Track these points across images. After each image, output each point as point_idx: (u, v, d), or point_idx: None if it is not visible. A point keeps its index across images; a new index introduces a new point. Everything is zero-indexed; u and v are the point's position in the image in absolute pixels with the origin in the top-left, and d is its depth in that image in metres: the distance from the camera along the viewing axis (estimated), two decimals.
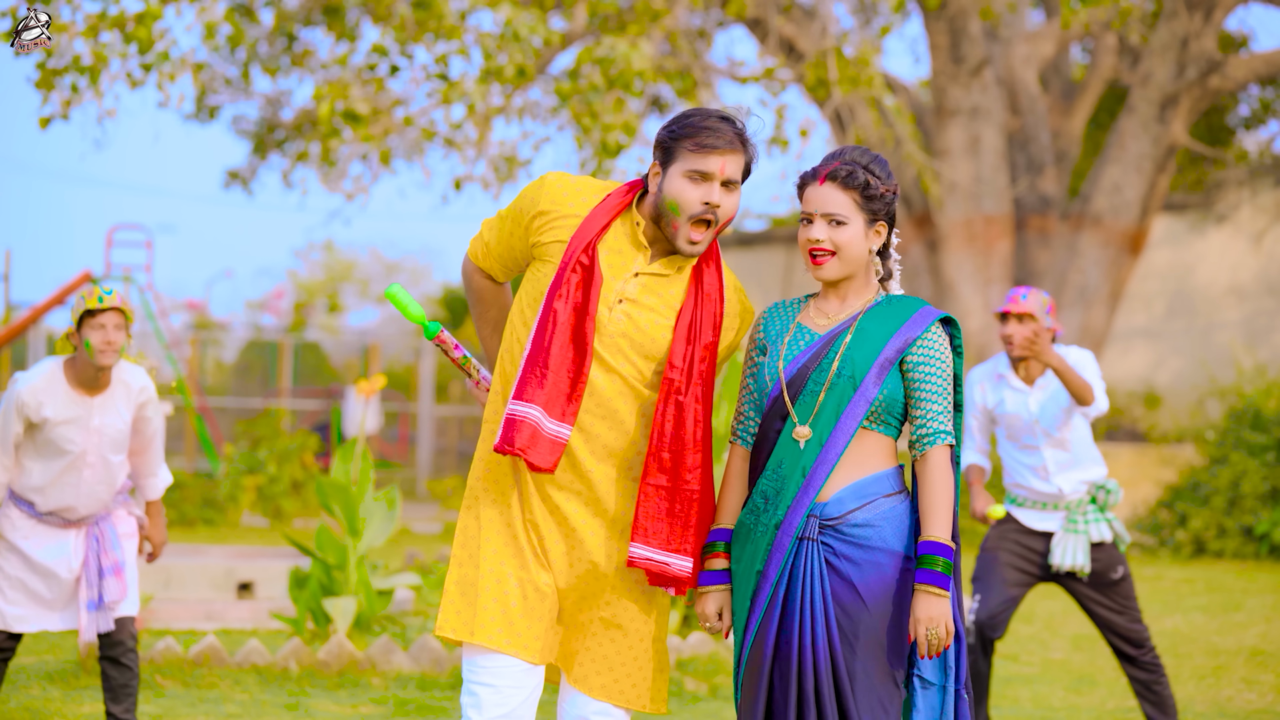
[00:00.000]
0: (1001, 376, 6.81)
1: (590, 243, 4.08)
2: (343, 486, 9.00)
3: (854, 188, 4.07)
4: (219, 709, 7.50)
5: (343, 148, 15.60)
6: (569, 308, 4.06)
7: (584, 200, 4.16)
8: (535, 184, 4.21)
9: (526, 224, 4.18)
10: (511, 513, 4.16)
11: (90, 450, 6.19)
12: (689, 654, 8.56)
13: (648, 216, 4.15)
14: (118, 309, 6.04)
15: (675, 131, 4.09)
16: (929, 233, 19.02)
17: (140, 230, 21.25)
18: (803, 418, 4.07)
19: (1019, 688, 8.61)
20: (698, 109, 4.14)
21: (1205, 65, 18.26)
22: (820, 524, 4.05)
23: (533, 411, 4.04)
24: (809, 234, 4.09)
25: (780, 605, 4.06)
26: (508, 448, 4.03)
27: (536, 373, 4.05)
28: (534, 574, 4.13)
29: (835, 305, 4.16)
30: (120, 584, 6.27)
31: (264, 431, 18.57)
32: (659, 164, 4.12)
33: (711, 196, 4.06)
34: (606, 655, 4.21)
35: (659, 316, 4.14)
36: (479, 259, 4.33)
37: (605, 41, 14.12)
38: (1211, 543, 15.07)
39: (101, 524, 6.32)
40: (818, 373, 4.08)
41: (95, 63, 13.46)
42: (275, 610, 9.62)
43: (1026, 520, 6.79)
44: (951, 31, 18.37)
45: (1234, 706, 8.18)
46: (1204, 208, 21.20)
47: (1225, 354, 19.83)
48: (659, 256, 4.17)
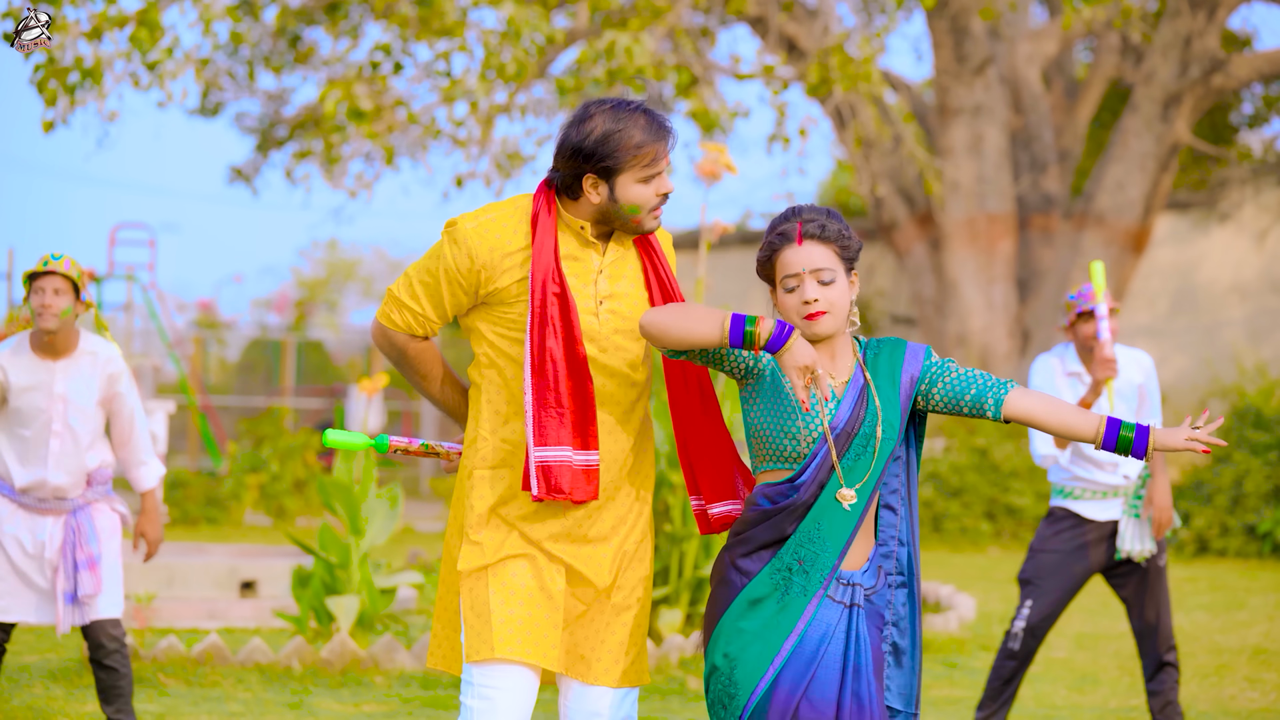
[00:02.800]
0: (1074, 374, 6.80)
1: (554, 270, 4.10)
2: (345, 485, 9.00)
3: (831, 240, 4.04)
4: (222, 708, 7.50)
5: (346, 145, 15.61)
6: (560, 342, 4.08)
7: (509, 228, 4.15)
8: (450, 241, 4.14)
9: (471, 281, 4.13)
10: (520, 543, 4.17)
11: (56, 418, 6.21)
12: (692, 652, 8.56)
13: (589, 219, 4.17)
14: (59, 274, 6.08)
15: (613, 153, 4.08)
16: (932, 232, 19.02)
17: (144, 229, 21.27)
18: (849, 480, 4.00)
19: (1022, 686, 8.60)
20: (606, 111, 4.11)
21: (1208, 64, 18.25)
22: (865, 592, 4.03)
23: (563, 453, 4.08)
24: (804, 295, 4.00)
25: (816, 664, 3.97)
26: (556, 494, 4.06)
27: (551, 414, 4.08)
28: (546, 582, 4.16)
29: (827, 361, 4.07)
30: (94, 579, 6.23)
31: (267, 430, 18.58)
32: (597, 178, 4.10)
33: (665, 187, 4.15)
34: (621, 641, 4.23)
35: (635, 295, 4.21)
36: (415, 329, 4.23)
37: (607, 35, 14.13)
38: (1215, 541, 15.06)
39: (79, 515, 6.29)
40: (862, 435, 4.01)
41: (97, 65, 13.46)
42: (278, 609, 9.62)
43: (1087, 511, 6.76)
44: (954, 30, 18.36)
45: (1237, 705, 8.17)
46: (1207, 206, 21.19)
47: (1228, 352, 19.82)
48: (607, 243, 4.22)
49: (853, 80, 15.42)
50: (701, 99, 15.32)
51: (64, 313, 6.12)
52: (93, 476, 6.33)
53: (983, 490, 16.39)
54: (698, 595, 9.11)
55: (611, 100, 4.16)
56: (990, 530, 16.36)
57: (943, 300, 18.80)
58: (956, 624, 9.94)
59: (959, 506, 16.39)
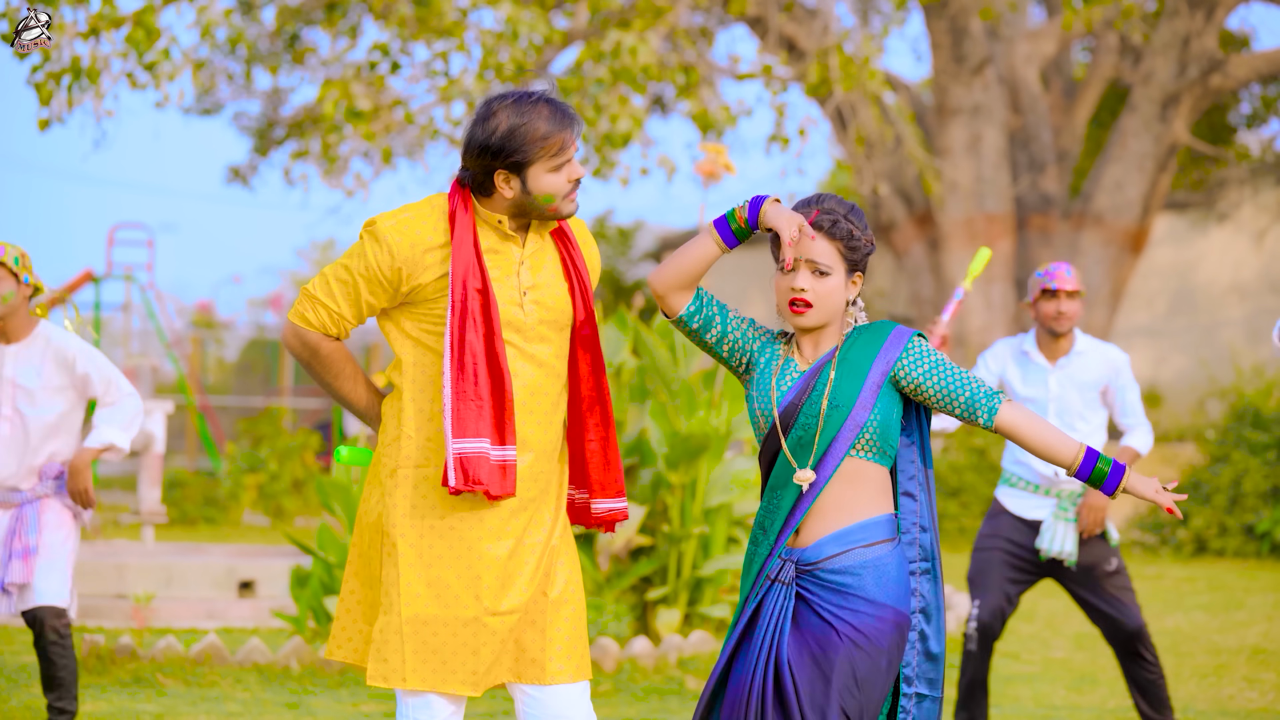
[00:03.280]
0: (1025, 353, 6.85)
1: (474, 264, 4.13)
2: (344, 485, 8.99)
3: (839, 238, 4.08)
4: (220, 707, 7.50)
5: (343, 144, 15.60)
6: (480, 337, 4.11)
7: (428, 225, 4.17)
8: (370, 241, 4.14)
9: (393, 279, 4.14)
10: (444, 551, 4.16)
11: (4, 402, 6.20)
12: (690, 652, 8.56)
13: (505, 213, 4.20)
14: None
15: (520, 146, 4.11)
16: (930, 232, 19.02)
17: (142, 229, 21.27)
18: (801, 459, 4.08)
19: (1020, 686, 8.61)
20: (509, 106, 4.14)
21: (1207, 64, 18.26)
22: (798, 568, 4.08)
23: (481, 445, 4.09)
24: (794, 282, 4.08)
25: (742, 645, 4.10)
26: (474, 486, 4.07)
27: (470, 406, 4.10)
28: (467, 609, 4.15)
29: (810, 350, 4.16)
30: (26, 568, 6.17)
31: (265, 430, 18.57)
32: (508, 173, 4.13)
33: (575, 173, 4.18)
34: (568, 636, 4.24)
35: (556, 285, 4.25)
36: (329, 328, 4.21)
37: (610, 36, 14.13)
38: (1213, 541, 15.07)
39: (25, 508, 6.26)
40: (807, 408, 4.09)
41: (94, 64, 13.45)
42: (276, 609, 9.62)
43: (1017, 508, 6.76)
44: (953, 30, 18.36)
45: (1235, 705, 8.18)
46: (1205, 206, 21.21)
47: (1227, 352, 19.83)
48: (525, 235, 4.25)
49: (853, 80, 15.42)
50: (701, 99, 15.32)
51: (4, 298, 6.09)
52: (42, 472, 6.29)
53: (981, 490, 16.39)
54: (696, 595, 9.12)
55: (513, 94, 4.17)
56: None
57: (941, 300, 18.79)
58: (954, 624, 9.94)
59: (957, 506, 16.39)
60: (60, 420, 6.29)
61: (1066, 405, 6.76)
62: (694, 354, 9.30)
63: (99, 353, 6.35)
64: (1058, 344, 6.80)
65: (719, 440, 9.01)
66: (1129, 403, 6.86)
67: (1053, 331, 6.75)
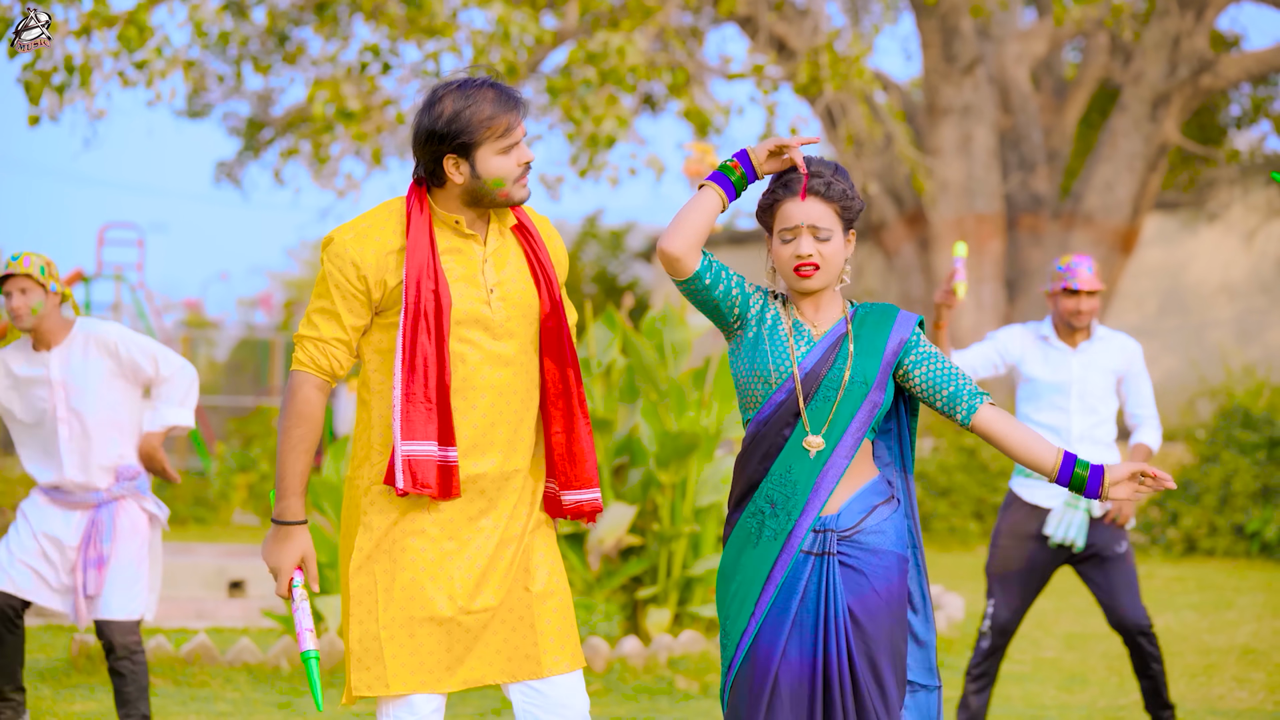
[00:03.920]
0: (1045, 338, 6.92)
1: (430, 265, 4.11)
2: (334, 485, 8.99)
3: (834, 199, 4.11)
4: (210, 707, 7.49)
5: (334, 144, 15.59)
6: (432, 339, 4.09)
7: (387, 230, 4.15)
8: (331, 257, 4.12)
9: (362, 290, 4.12)
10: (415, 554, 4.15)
11: (59, 405, 6.26)
12: (680, 652, 8.56)
13: (461, 207, 4.19)
14: (18, 275, 6.16)
15: (466, 127, 4.10)
16: (921, 231, 19.03)
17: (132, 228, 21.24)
18: (815, 426, 4.08)
19: (1010, 686, 8.62)
20: (452, 91, 4.14)
21: (1197, 64, 18.27)
22: (838, 537, 4.08)
23: (428, 447, 4.08)
24: (798, 250, 4.09)
25: (791, 622, 4.06)
26: (422, 489, 4.06)
27: (419, 408, 4.08)
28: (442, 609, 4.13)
29: (811, 313, 4.17)
30: (99, 578, 6.26)
31: (256, 430, 18.56)
32: (457, 158, 4.12)
33: (525, 157, 4.17)
34: (558, 627, 4.23)
35: (522, 280, 4.23)
36: (318, 360, 4.15)
37: (598, 36, 14.13)
38: (1203, 541, 15.08)
39: (102, 510, 6.31)
40: (830, 378, 4.09)
41: (85, 62, 13.43)
42: (267, 609, 9.61)
43: (1031, 496, 6.79)
44: (943, 30, 18.38)
45: (1225, 705, 8.18)
46: (1196, 206, 21.23)
47: (1216, 352, 19.85)
48: (486, 232, 4.24)
49: (843, 79, 15.42)
50: (693, 98, 15.32)
51: (34, 309, 6.20)
52: (118, 473, 6.34)
53: (971, 490, 16.40)
54: (686, 595, 9.11)
55: (458, 80, 4.17)
56: (978, 530, 16.37)
57: (931, 300, 18.80)
58: (945, 623, 9.94)
59: (947, 506, 16.40)
60: (116, 413, 6.35)
61: (1089, 387, 6.84)
62: (683, 353, 9.29)
63: (137, 334, 6.44)
64: (1076, 333, 6.91)
65: (709, 439, 9.01)
66: (1142, 393, 6.94)
67: (1071, 326, 6.85)
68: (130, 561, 6.34)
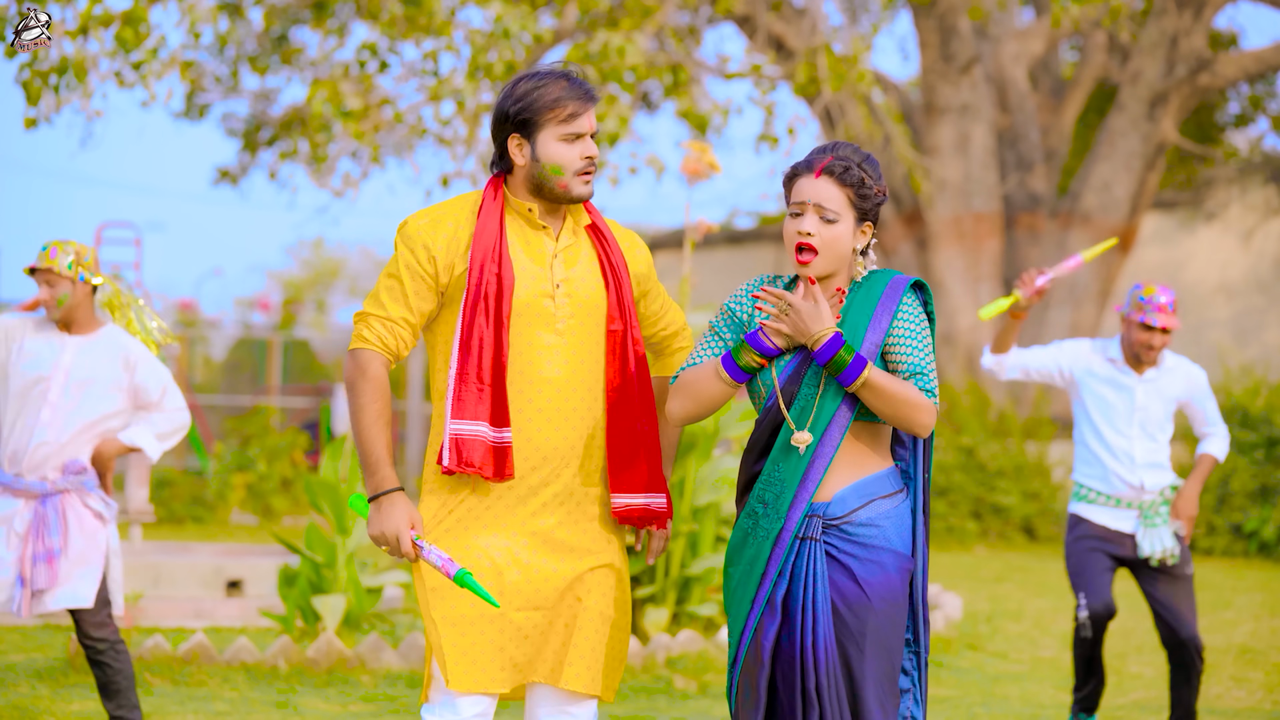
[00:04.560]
0: (1113, 360, 6.93)
1: (495, 249, 4.11)
2: (332, 484, 8.99)
3: (849, 185, 4.04)
4: (208, 707, 7.49)
5: (332, 144, 15.59)
6: (490, 321, 4.08)
7: (460, 217, 4.17)
8: (403, 240, 4.14)
9: (431, 274, 4.13)
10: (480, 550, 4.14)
11: (54, 385, 6.24)
12: (678, 651, 8.55)
13: (530, 195, 4.19)
14: (41, 269, 6.21)
15: (530, 105, 4.12)
16: (918, 230, 19.03)
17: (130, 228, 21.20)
18: (800, 423, 4.04)
19: (1008, 686, 8.61)
20: (529, 76, 4.17)
21: (1195, 63, 18.28)
22: (824, 524, 4.04)
23: (478, 427, 4.07)
24: (799, 226, 4.04)
25: (780, 606, 4.04)
26: (466, 468, 4.05)
27: (471, 389, 4.08)
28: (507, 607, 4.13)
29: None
30: (50, 573, 6.19)
31: (253, 429, 18.54)
32: (520, 137, 4.14)
33: (589, 151, 4.16)
34: (594, 648, 4.19)
35: (592, 280, 4.22)
36: (385, 340, 4.15)
37: (598, 36, 14.13)
38: (1201, 540, 15.09)
39: (46, 503, 6.24)
40: (811, 374, 4.05)
41: (81, 62, 13.42)
42: (264, 608, 9.61)
43: (1100, 519, 6.88)
44: (941, 29, 18.37)
45: (1223, 704, 8.19)
46: (1193, 205, 21.23)
47: (1214, 352, 19.85)
48: (559, 227, 4.23)
49: (841, 79, 15.42)
50: (691, 98, 15.32)
51: (60, 301, 6.22)
52: (65, 466, 6.28)
53: (969, 489, 16.41)
54: (684, 594, 9.11)
55: (539, 69, 4.20)
56: (976, 529, 16.38)
57: None
58: (943, 623, 9.94)
59: (945, 505, 16.40)
60: (102, 421, 6.32)
61: (1150, 416, 6.90)
62: None
63: (160, 363, 6.45)
64: (1144, 362, 6.91)
65: (707, 439, 9.01)
66: (1209, 413, 7.02)
67: (1139, 359, 6.86)
68: (83, 556, 6.26)
